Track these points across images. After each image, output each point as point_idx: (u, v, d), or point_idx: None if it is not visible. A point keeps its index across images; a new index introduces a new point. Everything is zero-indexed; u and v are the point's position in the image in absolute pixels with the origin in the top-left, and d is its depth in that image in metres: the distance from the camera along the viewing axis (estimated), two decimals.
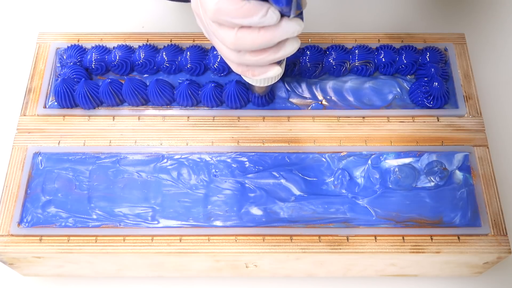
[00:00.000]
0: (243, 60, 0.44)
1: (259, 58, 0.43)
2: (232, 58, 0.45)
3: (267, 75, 0.46)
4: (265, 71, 0.45)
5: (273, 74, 0.46)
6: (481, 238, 0.52)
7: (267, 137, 0.56)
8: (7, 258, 0.53)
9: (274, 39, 0.41)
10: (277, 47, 0.43)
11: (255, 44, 0.42)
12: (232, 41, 0.42)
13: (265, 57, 0.43)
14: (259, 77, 0.46)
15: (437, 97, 0.57)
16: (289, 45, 0.43)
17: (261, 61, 0.44)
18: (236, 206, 0.53)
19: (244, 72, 0.46)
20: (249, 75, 0.46)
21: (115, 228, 0.52)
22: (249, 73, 0.46)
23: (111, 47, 0.60)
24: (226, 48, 0.44)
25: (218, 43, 0.45)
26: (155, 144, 0.56)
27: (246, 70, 0.46)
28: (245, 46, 0.42)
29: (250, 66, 0.45)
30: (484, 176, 0.54)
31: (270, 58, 0.43)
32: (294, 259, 0.52)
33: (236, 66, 0.46)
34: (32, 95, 0.58)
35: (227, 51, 0.44)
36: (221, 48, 0.45)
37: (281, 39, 0.42)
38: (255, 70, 0.46)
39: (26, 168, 0.54)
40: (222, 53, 0.45)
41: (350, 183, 0.54)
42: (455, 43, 0.61)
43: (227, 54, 0.45)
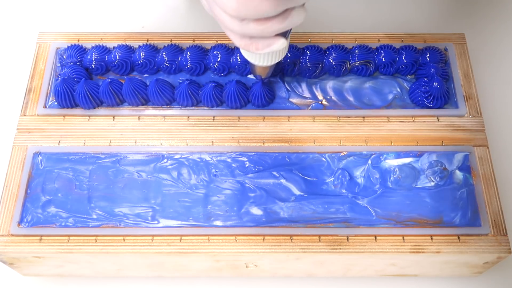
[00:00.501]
0: (246, 30, 0.41)
1: (263, 27, 0.40)
2: (234, 28, 0.41)
3: (272, 48, 0.43)
4: (269, 44, 0.43)
5: (278, 47, 0.43)
6: (481, 238, 0.52)
7: (267, 137, 0.56)
8: (7, 258, 0.53)
9: (279, 5, 0.39)
10: (283, 16, 0.40)
11: (259, 10, 0.39)
12: (234, 6, 0.39)
13: (270, 27, 0.40)
14: (263, 50, 0.43)
15: (437, 97, 0.57)
16: (295, 14, 0.40)
17: (266, 30, 0.41)
18: (236, 206, 0.53)
19: (247, 46, 0.43)
20: (252, 49, 0.43)
21: (115, 228, 0.52)
22: (252, 46, 0.43)
23: (111, 47, 0.60)
24: (228, 17, 0.41)
25: (220, 13, 0.41)
26: (155, 144, 0.56)
27: (250, 43, 0.43)
28: (248, 13, 0.39)
29: (254, 38, 0.42)
30: (484, 176, 0.54)
31: (276, 28, 0.41)
32: (294, 259, 0.52)
33: (239, 38, 0.43)
34: (32, 95, 0.58)
35: (229, 20, 0.41)
36: (223, 18, 0.41)
37: (287, 6, 0.39)
38: (259, 43, 0.43)
39: (26, 168, 0.54)
40: (224, 23, 0.42)
41: (350, 183, 0.54)
42: (455, 43, 0.61)
43: (229, 24, 0.41)
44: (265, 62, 0.49)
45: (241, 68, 0.58)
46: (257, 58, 0.49)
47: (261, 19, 0.40)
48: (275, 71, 0.59)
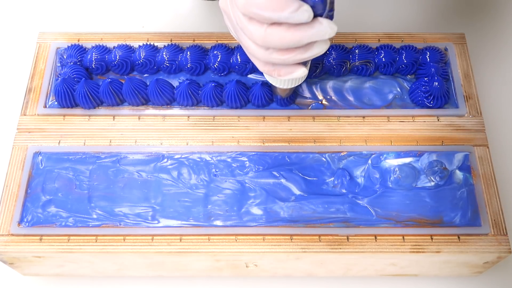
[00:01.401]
0: (270, 58, 0.43)
1: (286, 57, 0.43)
2: (259, 56, 0.44)
3: (293, 75, 0.45)
4: (291, 71, 0.45)
5: (298, 75, 0.45)
6: (481, 237, 0.52)
7: (267, 137, 0.56)
8: (8, 258, 0.53)
9: (303, 39, 0.41)
10: (305, 48, 0.42)
11: (284, 42, 0.41)
12: (261, 37, 0.41)
13: (292, 57, 0.43)
14: (284, 77, 0.45)
15: (437, 97, 0.57)
16: (317, 46, 0.42)
17: (288, 60, 0.43)
18: (236, 205, 0.53)
19: (270, 72, 0.46)
20: (274, 75, 0.46)
21: (115, 228, 0.52)
22: (275, 72, 0.45)
23: (111, 46, 0.60)
24: (254, 45, 0.43)
25: (246, 40, 0.44)
26: (155, 144, 0.56)
27: (272, 69, 0.45)
28: (273, 43, 0.42)
29: (277, 65, 0.45)
30: (484, 176, 0.54)
31: (297, 58, 0.43)
32: (294, 258, 0.52)
33: (262, 65, 0.45)
34: (32, 95, 0.58)
35: (255, 48, 0.43)
36: (249, 45, 0.44)
37: (311, 40, 0.41)
38: (281, 70, 0.45)
39: (26, 168, 0.54)
40: (249, 50, 0.45)
41: (350, 183, 0.54)
42: (455, 43, 0.61)
43: (254, 52, 0.44)
44: (286, 85, 0.51)
45: (241, 68, 0.58)
46: (278, 82, 0.51)
47: (284, 49, 0.42)
48: None
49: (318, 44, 0.42)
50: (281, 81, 0.50)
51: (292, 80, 0.50)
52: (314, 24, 0.40)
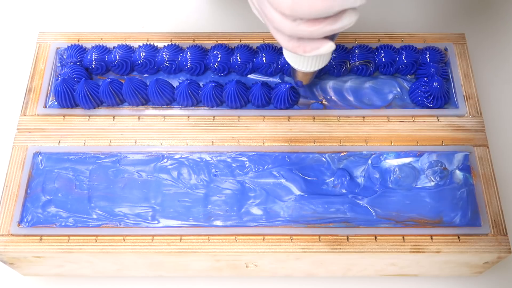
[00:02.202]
0: (296, 31, 0.41)
1: (314, 28, 0.41)
2: (285, 28, 0.42)
3: (319, 50, 0.43)
4: (317, 46, 0.42)
5: (326, 51, 0.43)
6: (481, 238, 0.52)
7: (267, 137, 0.56)
8: (7, 258, 0.53)
9: (334, 6, 0.39)
10: (334, 18, 0.40)
11: (314, 9, 0.39)
12: (289, 5, 0.39)
13: (320, 28, 0.41)
14: (310, 53, 0.43)
15: (437, 97, 0.57)
16: (347, 16, 0.40)
17: (316, 32, 0.41)
18: (236, 205, 0.53)
19: (294, 48, 0.43)
20: (300, 51, 0.43)
21: (115, 228, 0.52)
22: (300, 48, 0.43)
23: (111, 47, 0.60)
24: (280, 17, 0.41)
25: (271, 12, 0.42)
26: (155, 144, 0.56)
27: (297, 45, 0.43)
28: (302, 11, 0.39)
29: (302, 40, 0.43)
30: (484, 176, 0.54)
31: (326, 30, 0.41)
32: (294, 258, 0.52)
33: (287, 40, 0.43)
34: (32, 95, 0.58)
35: (281, 20, 0.41)
36: (274, 17, 0.42)
37: (341, 8, 0.39)
38: (306, 45, 0.43)
39: (26, 168, 0.54)
40: (274, 23, 0.42)
41: (350, 183, 0.54)
42: (455, 43, 0.61)
43: (280, 24, 0.42)
44: (309, 67, 0.49)
45: (241, 68, 0.58)
46: (301, 63, 0.49)
47: (312, 20, 0.40)
48: (275, 71, 0.59)
49: (347, 14, 0.40)
50: (304, 62, 0.48)
51: (316, 60, 0.48)
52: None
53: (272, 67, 0.58)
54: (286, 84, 0.56)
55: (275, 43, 0.60)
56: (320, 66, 0.50)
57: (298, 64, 0.49)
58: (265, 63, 0.58)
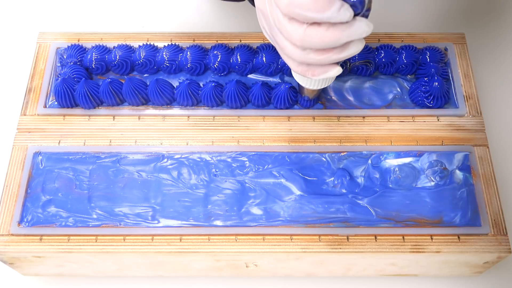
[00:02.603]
0: (306, 59, 0.43)
1: (323, 57, 0.43)
2: (295, 56, 0.44)
3: (327, 75, 0.45)
4: (325, 71, 0.45)
5: (333, 74, 0.45)
6: (481, 237, 0.52)
7: (267, 137, 0.56)
8: (8, 258, 0.53)
9: (342, 38, 0.41)
10: (342, 47, 0.42)
11: (323, 42, 0.41)
12: (300, 37, 0.41)
13: (329, 57, 0.43)
14: (318, 77, 0.45)
15: (437, 97, 0.57)
16: (353, 46, 0.42)
17: (325, 60, 0.43)
18: (236, 205, 0.53)
19: (304, 72, 0.45)
20: (308, 75, 0.45)
21: (115, 228, 0.52)
22: (309, 72, 0.45)
23: (111, 46, 0.60)
24: (291, 46, 0.43)
25: (282, 40, 0.44)
26: (155, 144, 0.56)
27: (306, 69, 0.45)
28: (312, 43, 0.41)
29: (311, 65, 0.45)
30: (484, 175, 0.54)
31: (334, 58, 0.43)
32: (294, 258, 0.52)
33: (296, 65, 0.45)
34: (32, 95, 0.58)
35: (292, 48, 0.43)
36: (285, 46, 0.44)
37: (349, 39, 0.41)
38: (315, 70, 0.45)
39: (26, 168, 0.54)
40: (285, 51, 0.44)
41: (350, 183, 0.54)
42: (455, 43, 0.61)
43: (290, 52, 0.44)
44: (316, 86, 0.51)
45: (241, 68, 0.58)
46: (308, 82, 0.50)
47: (321, 50, 0.42)
48: (275, 71, 0.59)
49: (354, 44, 0.42)
50: (312, 82, 0.50)
51: (324, 80, 0.50)
52: (353, 23, 0.40)
53: (272, 67, 0.58)
54: (286, 84, 0.56)
55: None
56: (327, 84, 0.51)
57: (306, 83, 0.51)
58: (265, 63, 0.58)
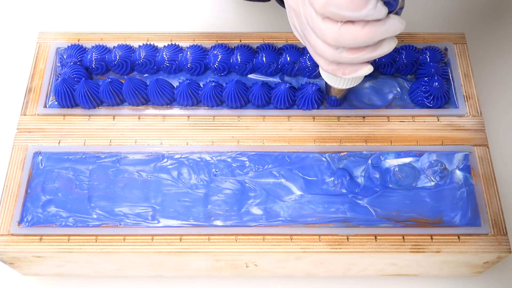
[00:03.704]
0: (339, 58, 0.43)
1: (356, 56, 0.42)
2: (328, 55, 0.43)
3: (358, 73, 0.44)
4: (356, 69, 0.44)
5: (364, 73, 0.44)
6: (481, 237, 0.52)
7: (267, 137, 0.56)
8: (8, 258, 0.53)
9: (376, 36, 0.41)
10: (375, 46, 0.42)
11: (357, 40, 0.41)
12: (334, 36, 0.41)
13: (361, 55, 0.42)
14: (349, 75, 0.45)
15: (437, 97, 0.57)
16: (386, 44, 0.42)
17: (357, 59, 0.43)
18: (236, 205, 0.53)
19: (334, 71, 0.45)
20: (339, 74, 0.45)
21: (115, 228, 0.52)
22: (339, 71, 0.45)
23: (111, 46, 0.60)
24: (323, 45, 0.43)
25: (314, 39, 0.43)
26: (155, 144, 0.56)
27: (337, 68, 0.44)
28: (346, 42, 0.41)
29: (342, 64, 0.44)
30: (484, 175, 0.54)
31: (367, 57, 0.42)
32: (294, 258, 0.52)
33: (327, 64, 0.45)
34: (33, 95, 0.58)
35: (324, 47, 0.43)
36: (317, 44, 0.43)
37: (383, 37, 0.41)
38: (346, 69, 0.44)
39: (26, 168, 0.54)
40: (317, 50, 0.44)
41: (350, 183, 0.54)
42: (455, 43, 0.61)
43: (323, 51, 0.43)
44: (344, 85, 0.50)
45: (241, 68, 0.58)
46: (337, 82, 0.50)
47: (354, 48, 0.42)
48: (275, 71, 0.59)
49: (387, 42, 0.42)
50: (341, 81, 0.49)
51: (353, 79, 0.49)
52: (386, 21, 0.40)
53: (272, 67, 0.58)
54: (286, 84, 0.56)
55: (275, 43, 0.60)
56: (356, 83, 0.50)
57: (334, 82, 0.50)
58: (265, 63, 0.58)
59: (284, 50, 0.59)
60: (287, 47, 0.59)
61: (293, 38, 0.61)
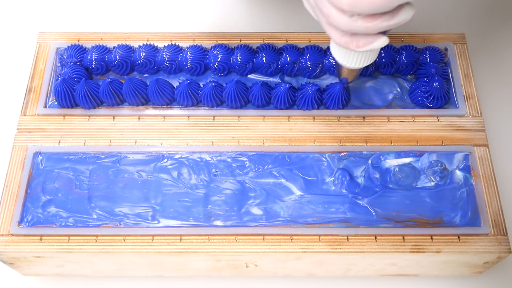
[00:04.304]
0: (353, 27, 0.41)
1: (371, 24, 0.40)
2: (342, 24, 0.41)
3: (373, 45, 0.43)
4: (371, 41, 0.42)
5: (379, 45, 0.43)
6: (481, 237, 0.52)
7: (267, 137, 0.56)
8: (8, 258, 0.53)
9: (393, 1, 0.39)
10: (392, 13, 0.40)
11: (373, 4, 0.39)
12: (349, 0, 0.39)
13: (378, 24, 0.40)
14: (363, 48, 0.43)
15: (437, 97, 0.57)
16: (404, 12, 0.40)
17: (373, 28, 0.41)
18: (236, 205, 0.53)
19: (347, 43, 0.43)
20: (352, 46, 0.43)
21: (115, 228, 0.52)
22: (353, 44, 0.43)
23: (112, 46, 0.60)
24: (337, 13, 0.41)
25: (328, 8, 0.41)
26: (155, 144, 0.56)
27: (350, 40, 0.43)
28: (362, 7, 0.39)
29: (356, 35, 0.42)
30: (484, 176, 0.54)
31: (383, 25, 0.40)
32: (294, 258, 0.52)
33: (340, 35, 0.43)
34: (32, 95, 0.58)
35: (338, 15, 0.41)
36: (331, 13, 0.41)
37: (400, 2, 0.39)
38: (360, 41, 0.42)
39: (26, 168, 0.54)
40: (331, 18, 0.41)
41: (350, 183, 0.54)
42: (455, 43, 0.61)
43: (337, 19, 0.41)
44: (357, 64, 0.49)
45: (241, 68, 0.58)
46: (349, 60, 0.48)
47: (370, 16, 0.40)
48: (275, 71, 0.59)
49: (404, 9, 0.40)
50: (353, 59, 0.48)
51: (364, 56, 0.47)
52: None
53: (272, 67, 0.58)
54: (286, 84, 0.56)
55: (275, 43, 0.60)
56: (368, 62, 0.49)
57: (346, 60, 0.49)
58: (265, 63, 0.58)
59: (284, 50, 0.59)
60: (287, 47, 0.59)
61: (293, 38, 0.61)
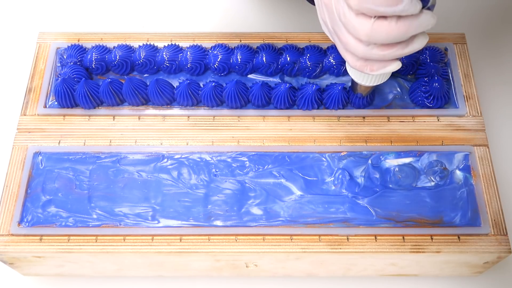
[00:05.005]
0: (369, 54, 0.42)
1: (387, 52, 0.42)
2: (358, 51, 0.43)
3: (386, 70, 0.44)
4: (384, 65, 0.44)
5: (393, 69, 0.44)
6: (481, 237, 0.52)
7: (267, 137, 0.56)
8: (7, 258, 0.53)
9: (409, 31, 0.40)
10: (406, 42, 0.42)
11: (390, 35, 0.40)
12: (367, 32, 0.40)
13: (392, 52, 0.42)
14: (377, 72, 0.44)
15: (437, 97, 0.57)
16: (418, 40, 0.42)
17: (388, 56, 0.42)
18: (236, 205, 0.53)
19: (361, 67, 0.44)
20: (366, 70, 0.44)
21: (115, 228, 0.52)
22: (367, 68, 0.44)
23: (112, 46, 0.60)
24: (354, 41, 0.42)
25: (346, 35, 0.43)
26: (155, 144, 0.56)
27: (365, 65, 0.44)
28: (379, 38, 0.40)
29: (370, 60, 0.44)
30: (484, 175, 0.54)
31: (398, 53, 0.42)
32: (294, 258, 0.52)
33: (355, 60, 0.44)
34: (32, 95, 0.58)
35: (355, 43, 0.42)
36: (348, 41, 0.43)
37: (416, 32, 0.41)
38: (374, 65, 0.44)
39: (26, 168, 0.54)
40: (348, 46, 0.43)
41: (350, 183, 0.54)
42: (455, 43, 0.61)
43: (354, 47, 0.43)
44: (372, 82, 0.50)
45: (241, 68, 0.58)
46: (364, 79, 0.50)
47: (386, 45, 0.42)
48: (275, 71, 0.59)
49: (419, 38, 0.42)
50: (369, 78, 0.49)
51: (380, 76, 0.49)
52: (419, 16, 0.40)
53: (272, 67, 0.58)
54: (286, 84, 0.56)
55: (275, 43, 0.60)
56: (382, 81, 0.50)
57: (361, 79, 0.50)
58: (265, 63, 0.58)
59: (284, 50, 0.59)
60: (287, 47, 0.59)
61: (293, 38, 0.61)
